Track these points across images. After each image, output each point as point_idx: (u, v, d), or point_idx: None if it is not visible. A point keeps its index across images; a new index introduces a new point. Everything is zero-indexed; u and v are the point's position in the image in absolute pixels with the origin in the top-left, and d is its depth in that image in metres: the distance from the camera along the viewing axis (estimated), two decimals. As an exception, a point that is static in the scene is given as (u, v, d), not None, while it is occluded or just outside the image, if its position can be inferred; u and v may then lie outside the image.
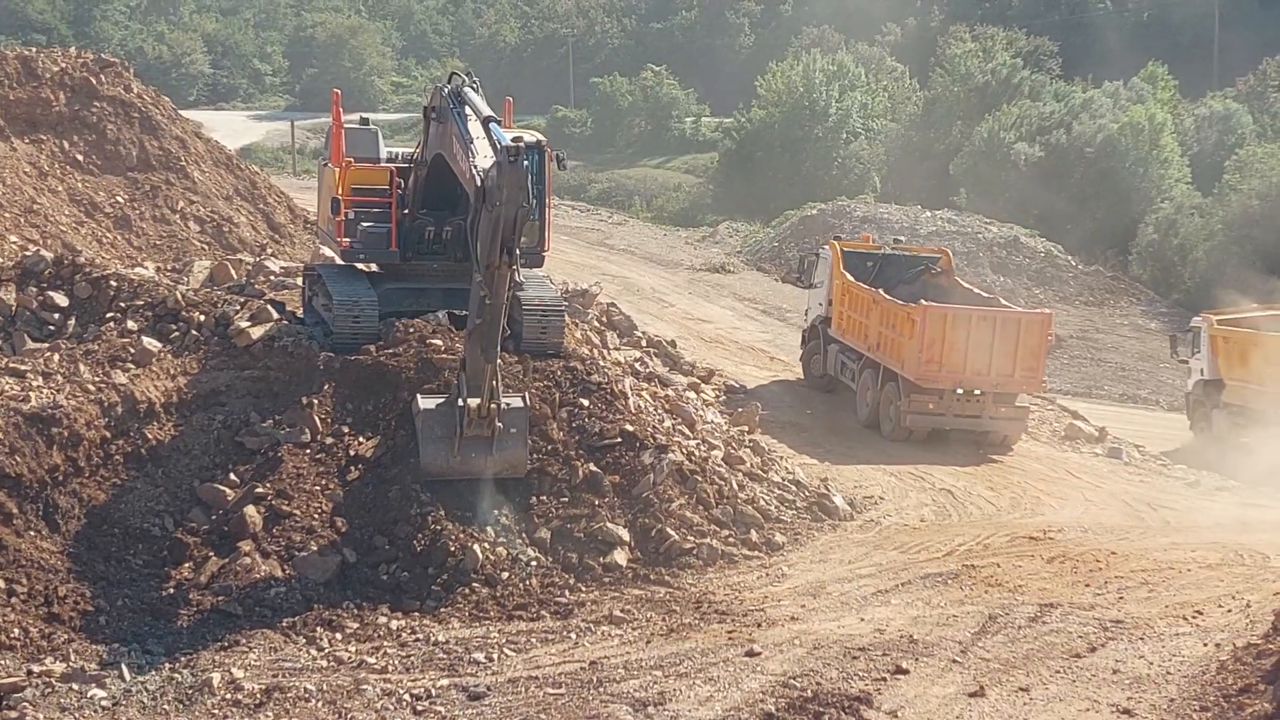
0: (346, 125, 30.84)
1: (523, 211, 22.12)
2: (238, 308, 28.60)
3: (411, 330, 27.83)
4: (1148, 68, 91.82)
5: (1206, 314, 44.44)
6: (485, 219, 22.43)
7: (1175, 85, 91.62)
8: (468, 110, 24.99)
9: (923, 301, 36.44)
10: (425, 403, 25.21)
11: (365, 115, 35.42)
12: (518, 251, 22.63)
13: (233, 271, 32.98)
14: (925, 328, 35.46)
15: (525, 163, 22.24)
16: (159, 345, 27.17)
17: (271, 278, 32.73)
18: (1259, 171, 67.34)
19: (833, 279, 40.45)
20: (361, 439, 25.99)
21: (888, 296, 37.52)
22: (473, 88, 25.75)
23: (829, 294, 40.72)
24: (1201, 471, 36.13)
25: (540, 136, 28.93)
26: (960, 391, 35.85)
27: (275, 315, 28.65)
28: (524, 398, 25.41)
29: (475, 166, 23.50)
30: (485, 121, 23.64)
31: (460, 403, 24.48)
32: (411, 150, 30.65)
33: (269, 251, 40.94)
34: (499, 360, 24.34)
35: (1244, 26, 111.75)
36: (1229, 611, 23.13)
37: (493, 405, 24.41)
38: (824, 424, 37.50)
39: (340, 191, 29.08)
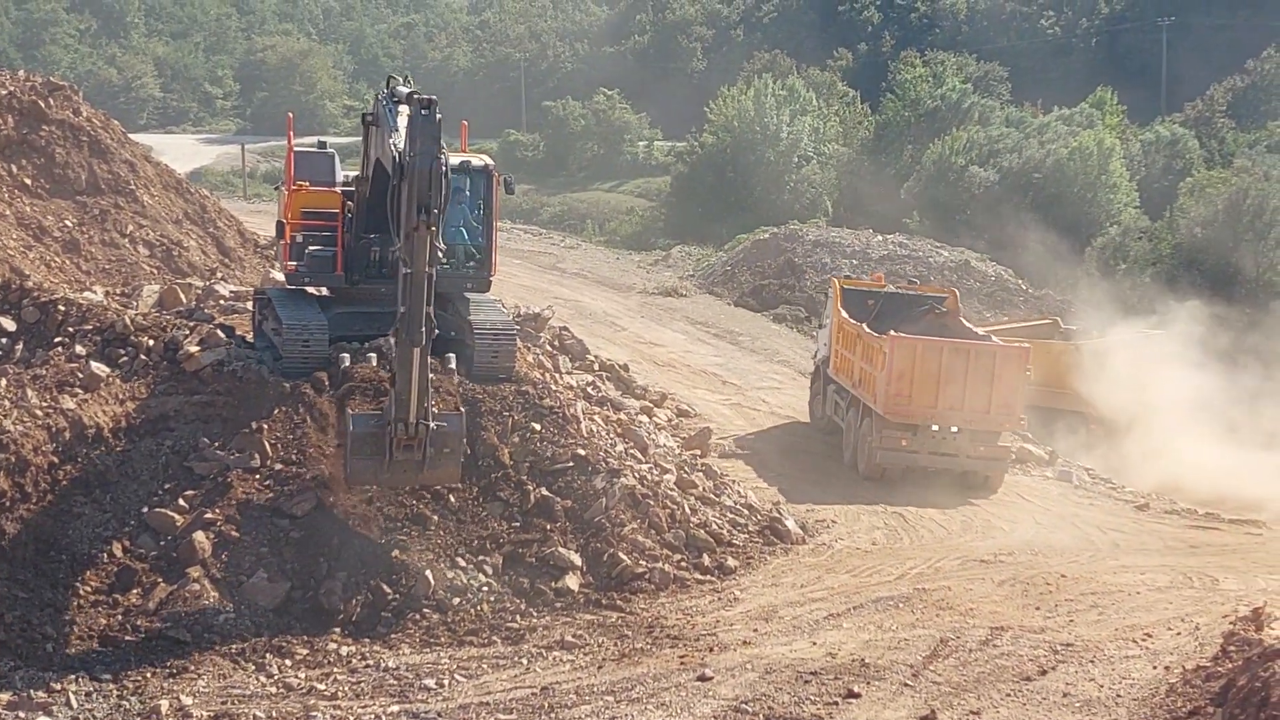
0: (303, 149, 30.64)
1: (436, 164, 21.73)
2: (187, 332, 28.40)
3: None
4: (1096, 93, 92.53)
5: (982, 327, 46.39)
6: (404, 187, 21.99)
7: (1123, 110, 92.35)
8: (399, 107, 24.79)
9: (892, 332, 34.98)
10: (356, 424, 23.75)
11: (323, 139, 35.21)
12: (437, 213, 21.90)
13: (182, 296, 32.77)
14: (894, 359, 33.91)
15: (440, 117, 21.97)
16: (107, 370, 26.98)
17: (221, 302, 32.51)
18: (1207, 198, 67.92)
19: (832, 317, 38.92)
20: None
21: (869, 330, 35.94)
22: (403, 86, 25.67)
23: (830, 333, 38.99)
24: (1150, 494, 36.32)
25: (488, 160, 28.86)
26: (935, 428, 34.17)
27: (225, 340, 28.44)
28: (460, 416, 24.27)
29: (394, 144, 23.21)
30: (407, 98, 23.28)
31: (389, 425, 23.22)
32: None
33: (219, 275, 40.67)
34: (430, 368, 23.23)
35: (1191, 53, 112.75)
36: (1178, 634, 23.28)
37: (423, 425, 23.14)
38: (778, 447, 37.50)
39: (287, 215, 28.92)
